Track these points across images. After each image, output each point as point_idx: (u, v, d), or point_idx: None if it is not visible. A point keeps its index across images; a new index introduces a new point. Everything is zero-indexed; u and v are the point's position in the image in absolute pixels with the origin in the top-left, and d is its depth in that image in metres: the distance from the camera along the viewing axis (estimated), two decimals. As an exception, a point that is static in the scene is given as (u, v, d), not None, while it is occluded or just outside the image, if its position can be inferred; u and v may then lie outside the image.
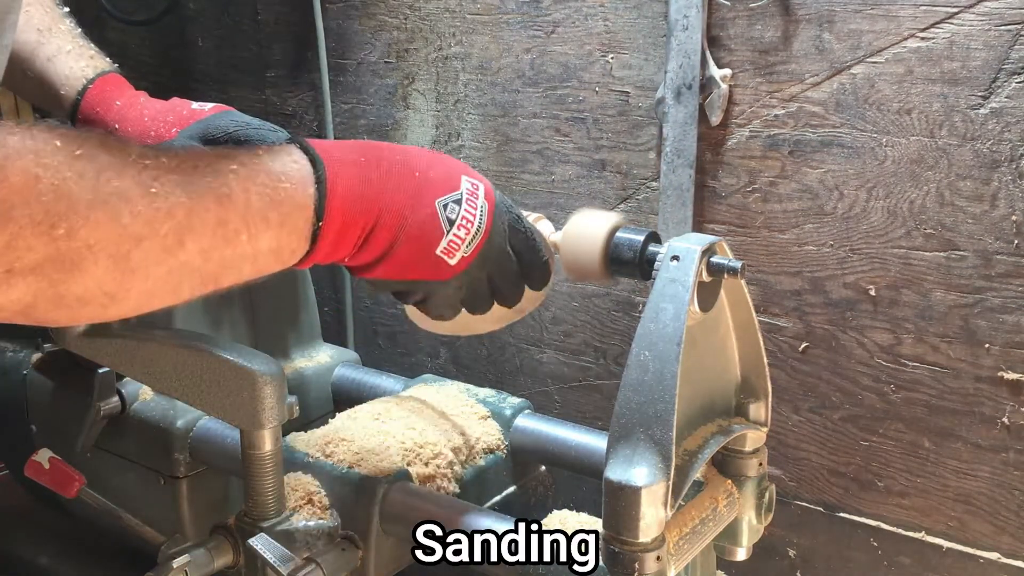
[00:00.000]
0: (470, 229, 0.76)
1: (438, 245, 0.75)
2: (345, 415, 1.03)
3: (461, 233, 0.76)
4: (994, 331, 1.01)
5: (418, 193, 0.74)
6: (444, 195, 0.75)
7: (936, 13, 0.97)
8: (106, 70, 1.01)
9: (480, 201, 0.77)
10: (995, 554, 1.07)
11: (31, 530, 1.31)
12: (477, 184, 0.77)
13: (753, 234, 1.14)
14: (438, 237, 0.75)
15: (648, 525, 0.69)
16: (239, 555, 0.87)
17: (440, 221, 0.75)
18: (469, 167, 0.79)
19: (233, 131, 0.94)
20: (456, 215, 0.75)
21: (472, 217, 0.76)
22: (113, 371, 1.03)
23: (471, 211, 0.76)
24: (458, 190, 0.76)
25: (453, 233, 0.75)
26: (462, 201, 0.76)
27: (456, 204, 0.75)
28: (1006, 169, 0.97)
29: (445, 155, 0.79)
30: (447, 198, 0.75)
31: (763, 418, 0.84)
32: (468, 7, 1.31)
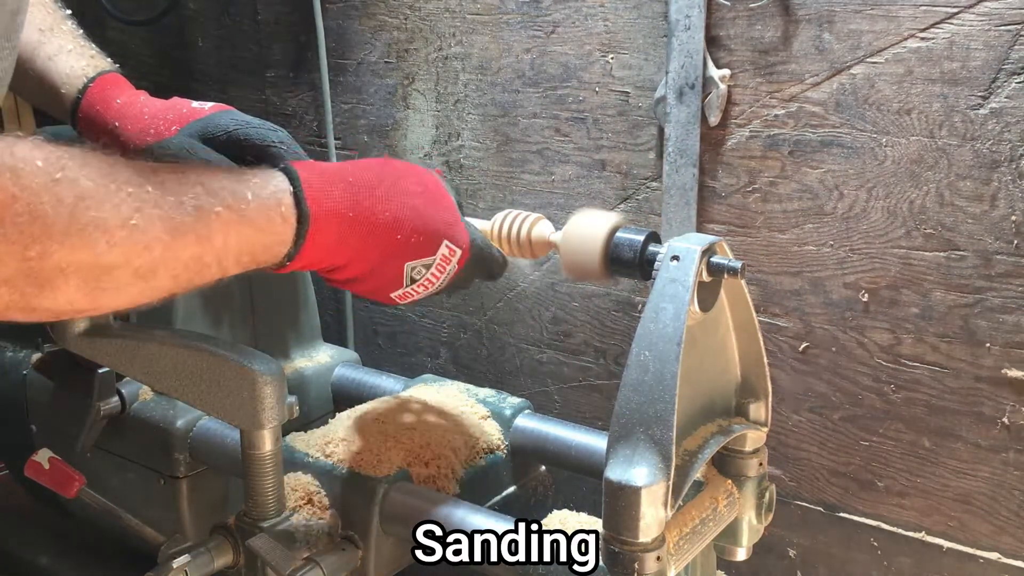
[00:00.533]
0: (430, 287, 0.81)
1: (394, 292, 0.80)
2: (345, 415, 1.03)
3: (420, 290, 0.81)
4: (994, 331, 1.01)
5: (391, 255, 0.77)
6: (416, 260, 0.78)
7: (936, 13, 0.97)
8: (107, 69, 1.01)
9: (451, 266, 0.81)
10: (995, 554, 1.07)
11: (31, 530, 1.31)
12: (455, 251, 0.80)
13: (753, 234, 1.14)
14: (396, 287, 0.79)
15: (648, 525, 0.70)
16: (239, 555, 0.87)
17: (403, 279, 0.79)
18: (457, 221, 0.81)
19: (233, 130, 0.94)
20: (421, 276, 0.79)
21: (436, 279, 0.81)
22: (113, 371, 1.03)
23: (437, 275, 0.80)
24: (433, 256, 0.79)
25: (411, 288, 0.80)
26: (432, 266, 0.79)
27: (424, 268, 0.79)
28: (1006, 169, 0.97)
29: (441, 202, 0.80)
30: (418, 263, 0.78)
31: (763, 418, 0.84)
32: (468, 7, 1.31)
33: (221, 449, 1.01)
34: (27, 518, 1.31)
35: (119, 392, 1.06)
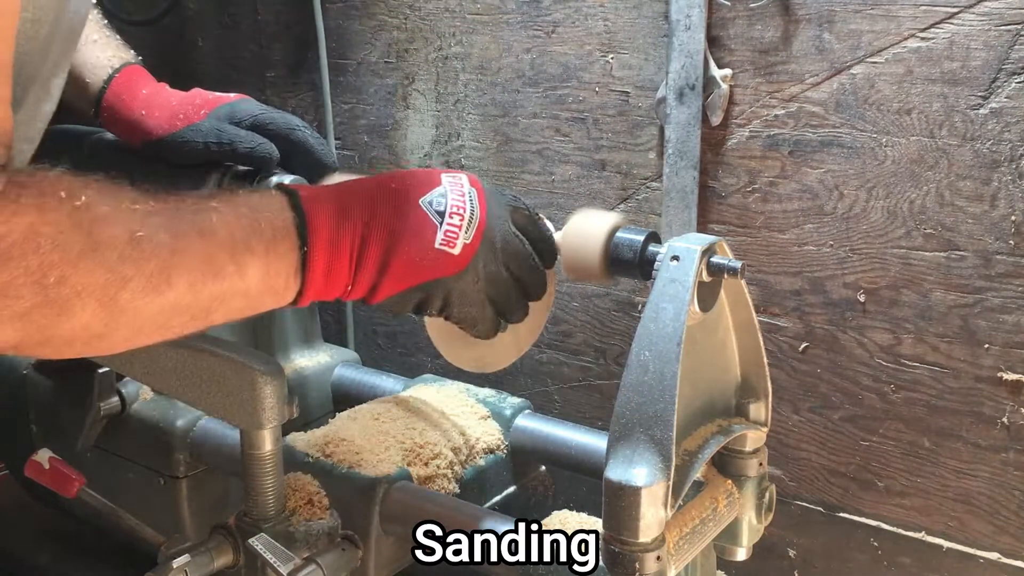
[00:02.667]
0: (463, 215, 0.76)
1: (435, 239, 0.74)
2: (345, 415, 1.03)
3: (455, 221, 0.75)
4: (994, 331, 1.01)
5: (399, 200, 0.74)
6: (426, 193, 0.75)
7: (936, 13, 0.97)
8: (131, 61, 1.03)
9: (466, 188, 0.77)
10: (995, 554, 1.07)
11: (31, 530, 1.31)
12: (458, 176, 0.78)
13: (753, 234, 1.14)
14: (433, 231, 0.74)
15: (648, 525, 0.70)
16: (239, 555, 0.87)
17: (430, 216, 0.75)
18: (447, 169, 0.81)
19: (259, 114, 0.98)
20: (444, 206, 0.75)
21: (462, 203, 0.76)
22: (113, 371, 1.03)
23: (459, 198, 0.76)
24: (440, 185, 0.76)
25: (447, 223, 0.75)
26: (447, 194, 0.76)
27: (442, 197, 0.75)
28: (1006, 169, 0.97)
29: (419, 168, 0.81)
30: (430, 195, 0.75)
31: (763, 418, 0.84)
32: (468, 7, 1.31)
33: (221, 449, 1.01)
34: (27, 518, 1.31)
35: (119, 392, 1.06)
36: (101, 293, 0.59)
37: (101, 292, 0.59)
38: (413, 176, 0.77)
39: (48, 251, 0.56)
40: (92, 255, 0.58)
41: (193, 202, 0.66)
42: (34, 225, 0.55)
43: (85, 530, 1.19)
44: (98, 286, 0.59)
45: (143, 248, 0.61)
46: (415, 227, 0.74)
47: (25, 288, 0.56)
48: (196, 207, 0.66)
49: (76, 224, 0.58)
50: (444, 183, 0.77)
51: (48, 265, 0.56)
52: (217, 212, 0.66)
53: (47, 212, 0.56)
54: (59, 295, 0.57)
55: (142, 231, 0.61)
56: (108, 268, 0.59)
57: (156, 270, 0.61)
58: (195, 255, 0.64)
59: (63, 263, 0.57)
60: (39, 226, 0.56)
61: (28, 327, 0.57)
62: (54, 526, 1.27)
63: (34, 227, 0.55)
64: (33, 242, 0.55)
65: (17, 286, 0.55)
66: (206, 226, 0.65)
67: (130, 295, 0.60)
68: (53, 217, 0.57)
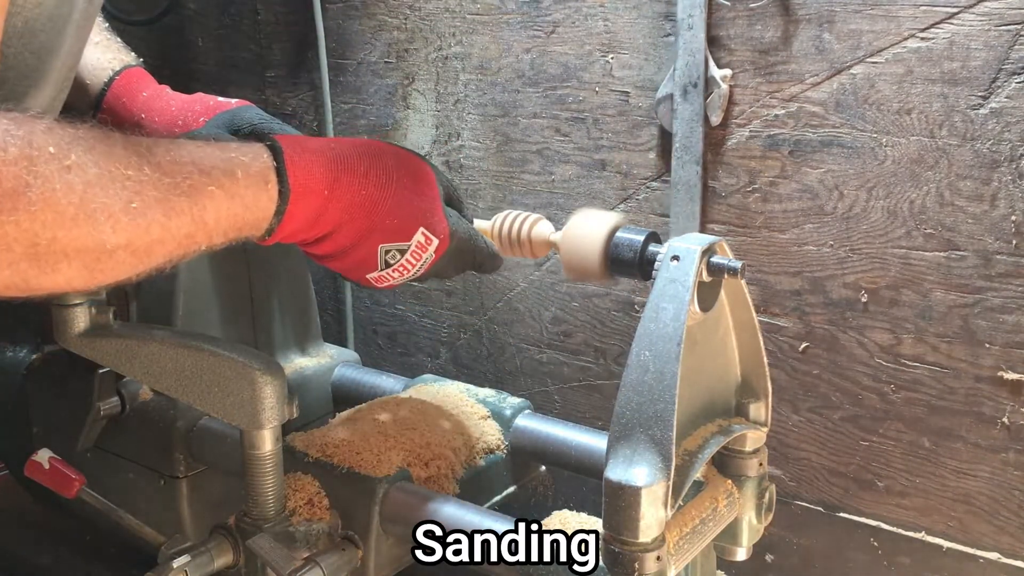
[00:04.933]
0: (405, 274, 0.82)
1: (369, 274, 0.81)
2: (345, 415, 1.03)
3: (394, 275, 0.81)
4: (994, 331, 1.01)
5: (365, 236, 0.78)
6: (390, 243, 0.79)
7: (936, 13, 0.97)
8: (132, 63, 1.03)
9: (427, 254, 0.81)
10: (995, 554, 1.07)
11: (31, 530, 1.30)
12: (431, 239, 0.80)
13: (753, 234, 1.14)
14: (371, 270, 0.80)
15: (648, 525, 0.70)
16: (239, 555, 0.87)
17: (376, 261, 0.79)
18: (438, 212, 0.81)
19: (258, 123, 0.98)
20: (396, 261, 0.80)
21: (411, 266, 0.81)
22: (113, 371, 1.03)
23: (412, 262, 0.81)
24: (407, 242, 0.79)
25: (386, 272, 0.81)
26: (407, 251, 0.80)
27: (399, 252, 0.80)
28: (1006, 169, 0.97)
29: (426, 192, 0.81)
30: (392, 246, 0.79)
31: (763, 418, 0.84)
32: (468, 7, 1.31)
33: (221, 449, 1.01)
34: (27, 518, 1.31)
35: (119, 392, 1.06)
36: (87, 257, 0.59)
37: (87, 256, 0.59)
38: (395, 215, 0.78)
39: (40, 209, 0.55)
40: (85, 221, 0.57)
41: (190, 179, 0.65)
42: (22, 176, 0.54)
43: (85, 530, 1.19)
44: (87, 251, 0.58)
45: (137, 222, 0.61)
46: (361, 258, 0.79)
47: (16, 243, 0.55)
48: (194, 186, 0.65)
49: (68, 185, 0.56)
50: (413, 241, 0.79)
51: (41, 224, 0.55)
52: (211, 199, 0.66)
53: (37, 164, 0.55)
54: (49, 253, 0.56)
55: (136, 203, 0.60)
56: (100, 236, 0.58)
57: (142, 244, 0.62)
58: (182, 234, 0.65)
59: (55, 225, 0.56)
60: (29, 180, 0.54)
61: (14, 277, 0.57)
62: (54, 526, 1.27)
63: (24, 180, 0.54)
64: (25, 197, 0.54)
65: (8, 240, 0.54)
66: (198, 213, 0.65)
67: (113, 261, 0.61)
68: (44, 171, 0.55)
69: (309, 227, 0.75)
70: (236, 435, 0.88)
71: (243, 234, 0.71)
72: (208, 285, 1.07)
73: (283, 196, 0.71)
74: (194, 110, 1.00)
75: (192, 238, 0.66)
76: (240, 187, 0.68)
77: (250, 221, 0.70)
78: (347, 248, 0.78)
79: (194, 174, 0.65)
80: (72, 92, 0.97)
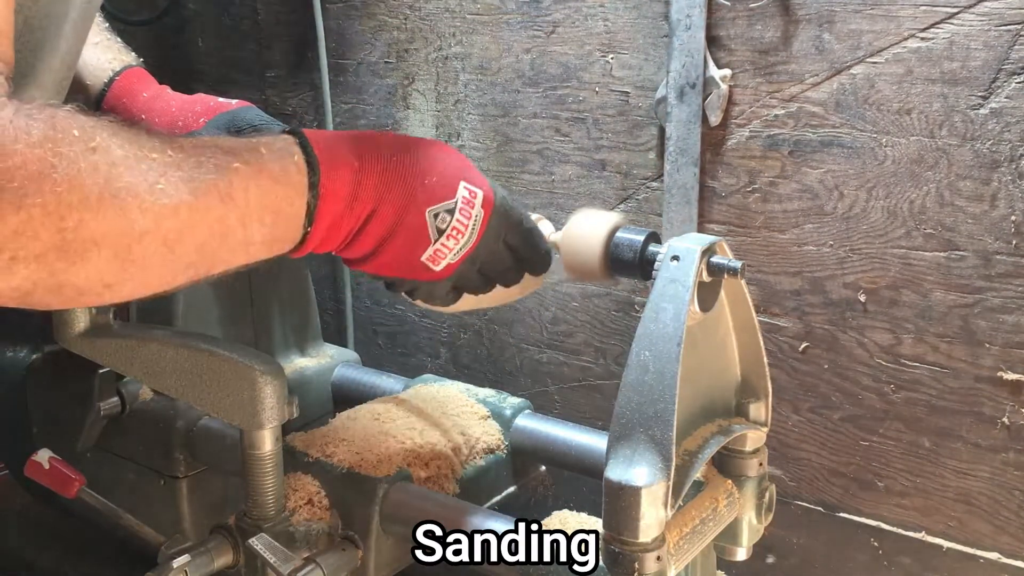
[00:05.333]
0: (459, 240, 0.76)
1: (423, 253, 0.76)
2: (345, 415, 1.03)
3: (449, 243, 0.76)
4: (994, 331, 1.01)
5: (409, 201, 0.74)
6: (436, 204, 0.75)
7: (936, 13, 0.97)
8: (132, 64, 1.02)
9: (476, 211, 0.77)
10: (995, 554, 1.07)
11: (31, 530, 1.30)
12: (475, 192, 0.77)
13: (753, 234, 1.14)
14: (424, 246, 0.75)
15: (648, 525, 0.70)
16: (239, 555, 0.87)
17: (428, 231, 0.75)
18: (472, 168, 0.78)
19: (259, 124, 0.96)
20: (447, 225, 0.75)
21: (463, 228, 0.76)
22: (113, 371, 1.03)
23: (463, 221, 0.76)
24: (453, 199, 0.75)
25: (440, 243, 0.75)
26: (455, 211, 0.75)
27: (448, 214, 0.75)
28: (1006, 169, 0.97)
29: (450, 152, 0.78)
30: (439, 207, 0.75)
31: (763, 418, 0.84)
32: (468, 7, 1.31)
33: (221, 449, 1.01)
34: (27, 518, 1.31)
35: (119, 392, 1.06)
36: (116, 243, 0.57)
37: (116, 242, 0.57)
38: (433, 173, 0.75)
39: (66, 191, 0.53)
40: (112, 201, 0.56)
41: (213, 155, 0.64)
42: (47, 158, 0.53)
43: (85, 530, 1.19)
44: (115, 235, 0.57)
45: (163, 203, 0.59)
46: (409, 234, 0.75)
47: (43, 229, 0.53)
48: (218, 164, 0.63)
49: (93, 166, 0.55)
50: (458, 197, 0.75)
51: (67, 206, 0.54)
52: (237, 175, 0.64)
53: (61, 146, 0.54)
54: (77, 239, 0.55)
55: (162, 183, 0.59)
56: (128, 218, 0.57)
57: (172, 227, 0.60)
58: (212, 217, 0.63)
59: (82, 207, 0.54)
60: (54, 161, 0.53)
61: (42, 271, 0.55)
62: (54, 526, 1.27)
63: (49, 162, 0.53)
64: (50, 179, 0.53)
65: (35, 226, 0.53)
66: (226, 189, 0.63)
67: (143, 249, 0.59)
68: (68, 152, 0.54)
69: (349, 207, 0.71)
70: (236, 435, 0.88)
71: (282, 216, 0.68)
72: (208, 285, 1.07)
73: (312, 168, 0.69)
74: (194, 111, 0.99)
75: (223, 222, 0.63)
76: (265, 160, 0.66)
77: (284, 196, 0.67)
78: (394, 226, 0.73)
79: (217, 154, 0.64)
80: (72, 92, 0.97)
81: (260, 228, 0.66)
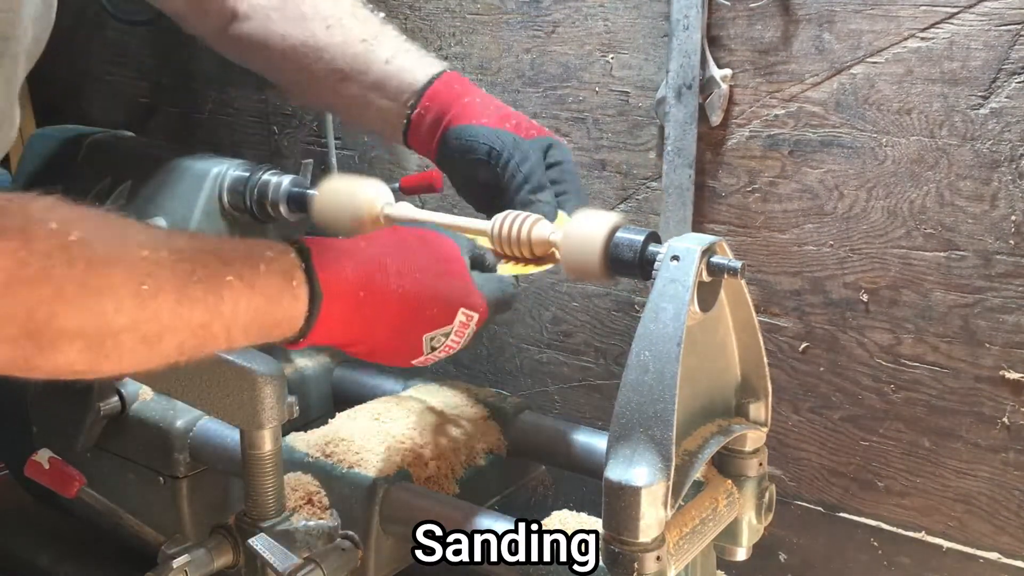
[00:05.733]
0: (450, 351, 0.81)
1: (413, 359, 0.80)
2: (345, 415, 1.03)
3: (441, 355, 0.80)
4: (994, 331, 1.01)
5: (408, 328, 0.76)
6: (434, 330, 0.78)
7: (936, 13, 0.97)
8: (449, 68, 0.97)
9: (469, 330, 0.80)
10: (995, 554, 1.07)
11: (31, 530, 1.30)
12: (471, 316, 0.80)
13: (753, 234, 1.14)
14: (415, 356, 0.79)
15: (648, 525, 0.69)
16: (239, 555, 0.87)
17: (422, 349, 0.78)
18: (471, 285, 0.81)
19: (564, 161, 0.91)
20: (440, 344, 0.79)
21: (456, 344, 0.80)
22: (113, 371, 1.03)
23: (456, 340, 0.80)
24: (450, 325, 0.78)
25: (431, 355, 0.80)
26: (450, 334, 0.79)
27: (443, 336, 0.79)
28: (1006, 169, 0.97)
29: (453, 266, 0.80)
30: (436, 332, 0.78)
31: (763, 418, 0.84)
32: (468, 7, 1.31)
33: (221, 449, 1.01)
34: (27, 518, 1.31)
35: (119, 392, 1.06)
36: (90, 337, 0.56)
37: (90, 336, 0.56)
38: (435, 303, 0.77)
39: (38, 283, 0.53)
40: (87, 298, 0.55)
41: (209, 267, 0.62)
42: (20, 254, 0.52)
43: (85, 530, 1.19)
44: (89, 330, 0.56)
45: (146, 305, 0.58)
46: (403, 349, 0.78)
47: (14, 319, 0.53)
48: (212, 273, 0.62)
49: (69, 261, 0.54)
50: (456, 322, 0.79)
51: (38, 300, 0.53)
52: (230, 289, 0.63)
53: (35, 241, 0.53)
54: (48, 330, 0.55)
55: (147, 284, 0.58)
56: (102, 316, 0.56)
57: (151, 329, 0.59)
58: (195, 323, 0.61)
59: (54, 300, 0.54)
60: (26, 256, 0.53)
61: (14, 353, 0.55)
62: (54, 526, 1.27)
63: (20, 256, 0.52)
64: (18, 273, 0.52)
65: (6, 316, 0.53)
66: (213, 301, 0.62)
67: (118, 344, 0.58)
68: (43, 247, 0.54)
69: (344, 330, 0.72)
70: (236, 435, 0.88)
71: (270, 333, 0.67)
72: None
73: (314, 299, 0.68)
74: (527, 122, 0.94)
75: (207, 328, 0.62)
76: (261, 280, 0.65)
77: (276, 319, 0.67)
78: (389, 345, 0.76)
79: (212, 262, 0.63)
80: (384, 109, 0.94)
81: (245, 338, 0.66)
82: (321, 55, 0.96)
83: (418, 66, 0.95)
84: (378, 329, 0.74)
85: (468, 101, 0.92)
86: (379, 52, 0.96)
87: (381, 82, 0.95)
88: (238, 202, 1.10)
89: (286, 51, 0.98)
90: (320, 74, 0.97)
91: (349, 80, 0.96)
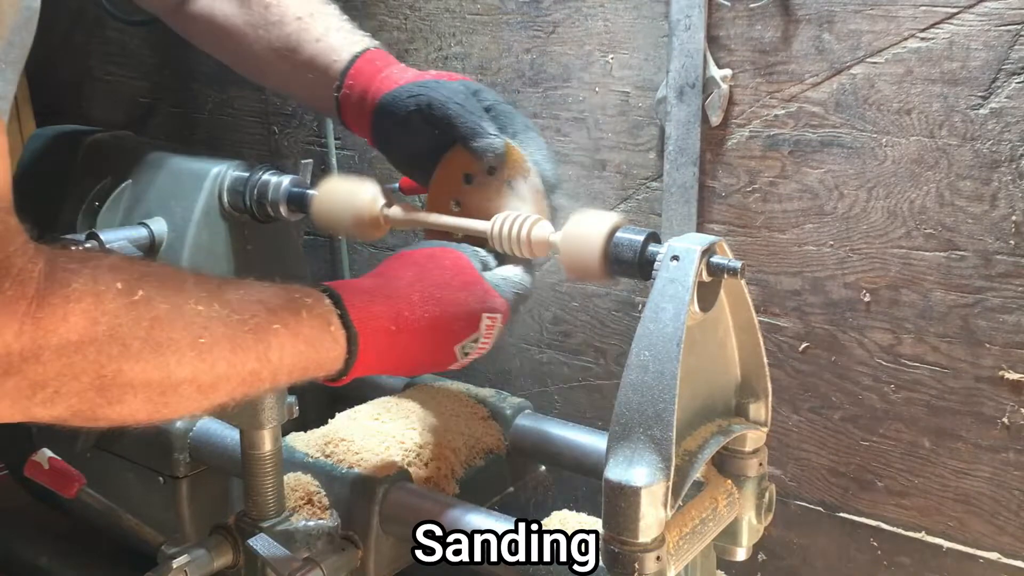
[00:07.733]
0: (482, 353, 0.84)
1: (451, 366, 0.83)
2: (345, 415, 1.03)
3: (473, 356, 0.84)
4: (994, 331, 1.01)
5: (439, 345, 0.80)
6: (464, 340, 0.81)
7: (936, 13, 0.97)
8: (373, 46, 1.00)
9: (496, 330, 0.83)
10: (995, 554, 1.07)
11: (31, 530, 1.31)
12: (495, 317, 0.83)
13: (753, 234, 1.14)
14: (450, 362, 0.83)
15: (648, 525, 0.70)
16: (239, 555, 0.87)
17: (455, 357, 0.82)
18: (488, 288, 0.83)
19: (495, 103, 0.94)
20: (472, 349, 0.82)
21: (486, 345, 0.84)
22: (113, 371, 1.03)
23: (486, 342, 0.83)
24: (477, 331, 0.81)
25: (465, 359, 0.83)
26: (479, 338, 0.82)
27: (473, 342, 0.82)
28: (1006, 169, 0.97)
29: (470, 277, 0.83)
30: (466, 341, 0.81)
31: (763, 418, 0.84)
32: (468, 7, 1.31)
33: (221, 449, 1.01)
34: (27, 518, 1.31)
35: (119, 392, 1.06)
36: (154, 391, 0.60)
37: (154, 390, 0.60)
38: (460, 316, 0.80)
39: (106, 342, 0.57)
40: (151, 355, 0.59)
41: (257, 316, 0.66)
42: (92, 314, 0.56)
43: (85, 530, 1.19)
44: (153, 384, 0.60)
45: (204, 357, 0.62)
46: (436, 362, 0.82)
47: (84, 374, 0.57)
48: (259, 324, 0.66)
49: (136, 320, 0.58)
50: (482, 327, 0.82)
51: (107, 357, 0.57)
52: (276, 336, 0.67)
53: (105, 303, 0.57)
54: (115, 384, 0.58)
55: (205, 338, 0.62)
56: (165, 371, 0.60)
57: (207, 380, 0.63)
58: (246, 371, 0.66)
59: (121, 357, 0.58)
60: (98, 316, 0.56)
61: (81, 406, 0.58)
62: (54, 526, 1.27)
63: (92, 316, 0.56)
64: (90, 331, 0.56)
65: (76, 370, 0.56)
66: (262, 349, 0.66)
67: (177, 395, 0.62)
68: (112, 308, 0.57)
69: (381, 362, 0.76)
70: (236, 435, 0.88)
71: (313, 374, 0.72)
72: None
73: (351, 341, 0.73)
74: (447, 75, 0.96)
75: (257, 375, 0.66)
76: (304, 327, 0.69)
77: (318, 361, 0.71)
78: (425, 363, 0.81)
79: (261, 311, 0.67)
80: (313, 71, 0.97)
81: (288, 379, 0.70)
82: (259, 33, 0.98)
83: (344, 44, 0.98)
84: (412, 354, 0.78)
85: (386, 74, 0.95)
86: (312, 31, 0.97)
87: (311, 61, 0.97)
88: (238, 202, 1.10)
89: (229, 29, 1.00)
90: (260, 53, 1.00)
91: (284, 59, 0.99)
